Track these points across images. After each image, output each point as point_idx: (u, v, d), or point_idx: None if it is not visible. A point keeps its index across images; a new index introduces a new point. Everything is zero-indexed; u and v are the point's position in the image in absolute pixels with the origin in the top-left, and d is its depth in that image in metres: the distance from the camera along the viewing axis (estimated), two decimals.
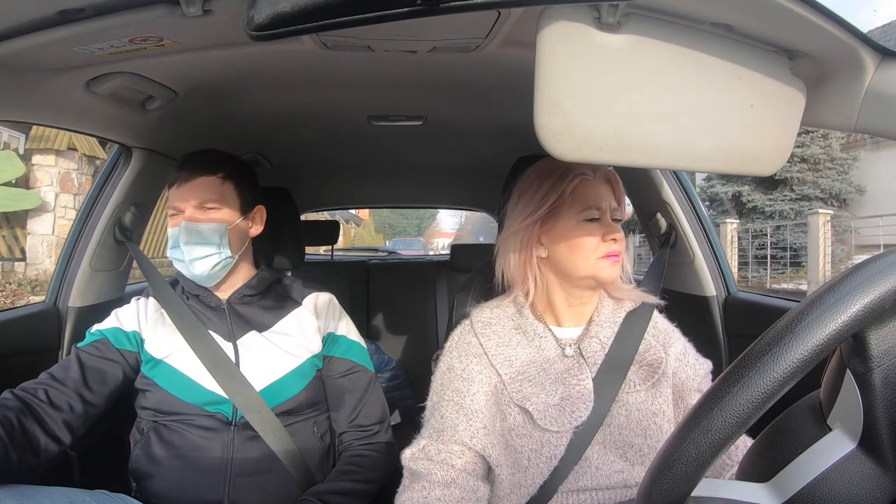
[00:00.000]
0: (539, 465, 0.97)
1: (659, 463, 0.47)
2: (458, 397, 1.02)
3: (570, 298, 1.06)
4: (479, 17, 0.96)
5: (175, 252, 1.22)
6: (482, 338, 1.06)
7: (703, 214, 1.65)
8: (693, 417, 0.46)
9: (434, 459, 0.99)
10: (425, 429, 1.05)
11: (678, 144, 0.76)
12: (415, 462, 1.01)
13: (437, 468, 0.98)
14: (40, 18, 0.82)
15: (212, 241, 1.22)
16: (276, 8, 0.56)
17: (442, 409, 1.03)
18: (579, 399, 0.98)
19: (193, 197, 1.22)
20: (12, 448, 1.02)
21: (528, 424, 0.98)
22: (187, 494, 1.16)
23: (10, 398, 1.09)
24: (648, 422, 0.99)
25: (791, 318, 0.44)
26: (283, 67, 1.22)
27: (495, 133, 1.80)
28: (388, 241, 18.18)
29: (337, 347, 1.31)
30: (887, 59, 0.75)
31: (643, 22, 0.72)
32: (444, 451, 0.99)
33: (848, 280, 0.44)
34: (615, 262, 1.02)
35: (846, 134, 11.05)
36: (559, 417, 0.97)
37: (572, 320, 1.07)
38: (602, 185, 1.05)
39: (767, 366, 0.43)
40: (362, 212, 22.60)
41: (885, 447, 0.47)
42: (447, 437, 1.00)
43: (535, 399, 0.98)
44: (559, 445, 0.97)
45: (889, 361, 0.47)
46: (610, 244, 1.01)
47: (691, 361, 1.07)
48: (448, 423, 1.00)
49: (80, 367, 1.17)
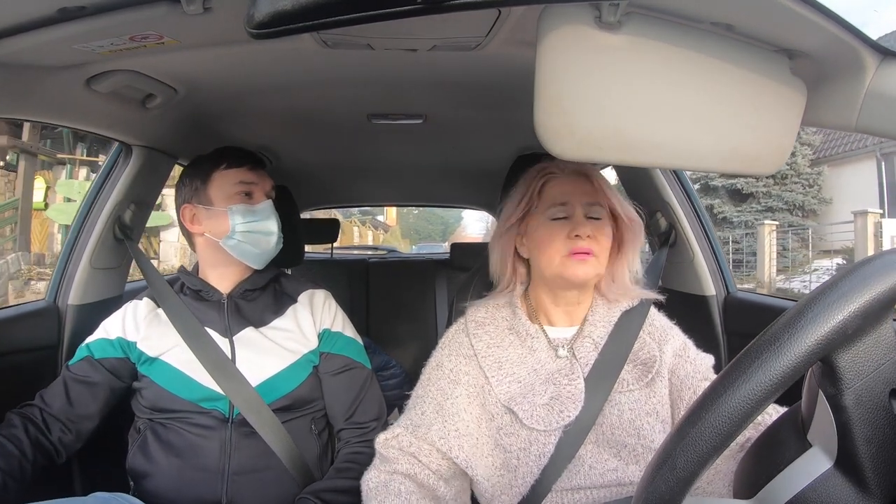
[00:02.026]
0: (528, 465, 0.97)
1: (655, 465, 0.48)
2: (441, 397, 1.04)
3: (556, 299, 1.06)
4: (480, 16, 0.96)
5: (263, 224, 1.28)
6: (474, 338, 1.06)
7: (704, 214, 1.65)
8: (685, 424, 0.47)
9: (404, 450, 1.03)
10: (404, 417, 1.08)
11: (678, 144, 0.76)
12: (386, 448, 1.05)
13: (404, 458, 1.02)
14: (41, 16, 0.82)
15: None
16: (277, 6, 0.56)
17: (423, 405, 1.05)
18: (569, 399, 0.98)
19: (268, 183, 1.32)
20: (27, 463, 1.10)
21: (516, 423, 0.99)
22: (185, 493, 1.16)
23: (15, 419, 1.15)
24: (641, 421, 0.98)
25: (764, 340, 0.46)
26: (284, 66, 1.22)
27: (495, 132, 1.80)
28: (413, 245, 18.71)
29: (333, 344, 1.32)
30: (888, 59, 0.75)
31: (644, 21, 0.72)
32: (414, 444, 1.03)
33: (811, 306, 0.45)
34: (581, 259, 0.98)
35: (813, 150, 13.17)
36: (547, 417, 0.97)
37: (564, 320, 1.07)
38: (571, 181, 1.03)
39: (733, 397, 0.45)
40: (389, 219, 23.94)
41: (862, 467, 0.48)
42: (420, 434, 1.03)
43: (521, 400, 0.98)
44: (548, 444, 0.97)
45: (860, 382, 0.47)
46: (576, 241, 0.98)
47: (691, 357, 1.05)
48: (425, 420, 1.03)
49: (66, 392, 1.22)
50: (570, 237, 0.99)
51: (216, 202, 1.26)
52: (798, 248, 12.41)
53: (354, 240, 17.90)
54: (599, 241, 1.00)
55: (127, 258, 1.59)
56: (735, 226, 13.26)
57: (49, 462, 1.16)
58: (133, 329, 1.26)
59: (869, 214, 10.07)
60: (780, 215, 13.02)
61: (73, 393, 1.21)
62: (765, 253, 11.87)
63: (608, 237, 1.02)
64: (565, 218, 1.01)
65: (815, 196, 13.19)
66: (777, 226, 12.26)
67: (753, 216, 13.15)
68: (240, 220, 1.25)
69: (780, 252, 12.33)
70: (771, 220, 12.47)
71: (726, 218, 13.34)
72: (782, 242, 12.44)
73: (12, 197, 9.98)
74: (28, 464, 1.10)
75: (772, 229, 12.04)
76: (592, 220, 1.01)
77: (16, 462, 1.08)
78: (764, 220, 12.70)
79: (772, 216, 12.90)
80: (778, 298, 1.67)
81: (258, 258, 1.29)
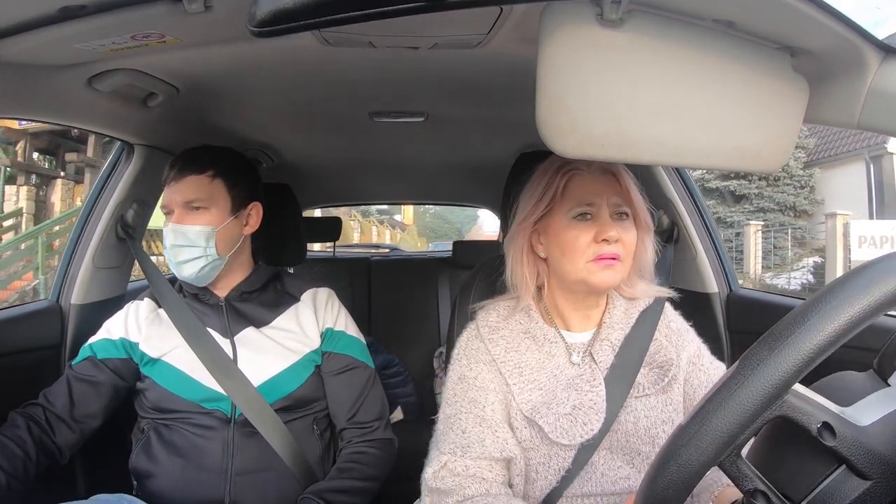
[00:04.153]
0: (548, 478, 0.94)
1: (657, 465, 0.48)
2: (478, 409, 0.96)
3: (575, 303, 1.01)
4: (482, 14, 0.95)
5: (167, 252, 1.23)
6: (490, 343, 1.00)
7: (706, 211, 1.65)
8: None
9: (462, 475, 0.93)
10: (444, 444, 0.97)
11: (680, 141, 0.75)
12: (440, 481, 0.94)
13: (469, 482, 0.92)
14: (42, 15, 0.82)
15: (198, 243, 1.20)
16: (279, 4, 0.56)
17: (462, 423, 0.96)
18: (591, 409, 0.93)
19: (181, 197, 1.21)
20: (30, 464, 1.10)
21: (537, 438, 0.94)
22: (188, 493, 1.17)
23: (18, 419, 1.15)
24: (657, 430, 0.94)
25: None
26: (285, 64, 1.22)
27: (497, 130, 1.80)
28: (430, 244, 19.02)
29: (336, 343, 1.31)
30: (890, 56, 0.75)
31: (645, 19, 0.72)
32: (472, 466, 0.94)
33: (814, 308, 0.47)
34: (608, 265, 0.92)
35: (807, 153, 13.61)
36: (571, 429, 0.92)
37: (582, 324, 1.02)
38: (598, 179, 0.96)
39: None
40: (406, 218, 24.26)
41: None
42: (475, 454, 0.94)
43: (545, 411, 0.94)
44: (567, 458, 0.93)
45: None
46: (602, 245, 0.92)
47: (705, 365, 1.01)
48: (473, 439, 0.94)
49: (70, 391, 1.21)
50: (596, 241, 0.92)
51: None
52: (793, 247, 12.92)
53: (374, 238, 18.16)
54: (626, 243, 0.94)
55: (129, 257, 1.59)
56: (728, 225, 13.57)
57: (52, 462, 1.16)
58: (135, 330, 1.26)
59: (838, 216, 10.65)
60: (771, 216, 13.50)
61: (76, 392, 1.21)
62: (750, 251, 12.48)
63: (634, 239, 0.96)
64: (590, 219, 0.94)
65: (806, 197, 13.63)
66: (762, 226, 12.83)
67: (746, 216, 13.54)
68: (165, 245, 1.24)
69: (773, 250, 12.81)
70: (760, 221, 12.97)
71: (721, 218, 13.62)
72: (773, 241, 12.90)
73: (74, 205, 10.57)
74: (31, 464, 1.10)
75: (757, 229, 12.65)
76: (619, 221, 0.95)
77: (19, 463, 1.08)
78: (756, 220, 13.08)
79: (763, 216, 13.40)
80: (780, 296, 1.67)
81: (194, 282, 1.26)
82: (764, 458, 0.53)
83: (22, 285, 9.10)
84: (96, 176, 7.01)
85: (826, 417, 0.48)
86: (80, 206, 10.16)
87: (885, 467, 0.47)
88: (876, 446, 0.48)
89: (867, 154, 12.54)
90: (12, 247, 9.32)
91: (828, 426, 0.47)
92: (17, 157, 10.28)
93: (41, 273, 8.98)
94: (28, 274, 9.28)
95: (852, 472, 0.48)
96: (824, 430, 0.47)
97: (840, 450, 0.47)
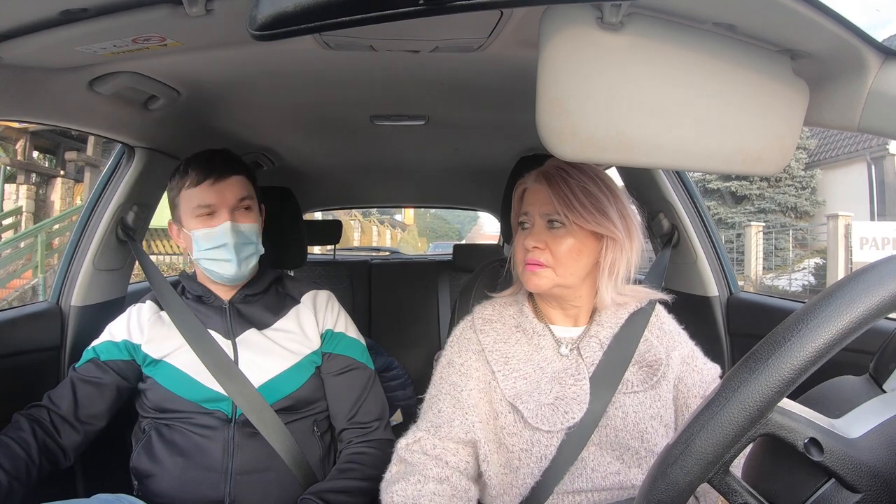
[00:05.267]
0: (530, 465, 0.97)
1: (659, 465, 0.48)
2: (455, 391, 1.03)
3: (550, 301, 1.06)
4: (482, 17, 0.96)
5: (220, 252, 1.22)
6: (481, 334, 1.06)
7: (706, 215, 1.65)
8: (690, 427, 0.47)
9: (429, 454, 1.01)
10: (422, 420, 1.06)
11: (681, 144, 0.75)
12: (410, 454, 1.02)
13: (432, 463, 1.00)
14: (43, 18, 0.82)
15: (252, 240, 1.25)
16: (279, 8, 0.56)
17: (439, 404, 1.04)
18: (574, 400, 0.97)
19: (234, 195, 1.23)
20: (33, 466, 1.11)
21: (519, 423, 0.98)
22: (188, 493, 1.17)
23: (22, 422, 1.15)
24: (645, 425, 0.98)
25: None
26: (286, 67, 1.23)
27: (498, 133, 1.80)
28: (430, 244, 19.11)
29: (335, 344, 1.32)
30: (890, 59, 0.75)
31: (645, 22, 0.72)
32: (439, 446, 1.01)
33: (815, 309, 0.46)
34: (531, 271, 0.98)
35: (808, 154, 13.78)
36: (551, 417, 0.96)
37: (565, 320, 1.06)
38: (534, 190, 1.01)
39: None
40: (406, 218, 24.48)
41: None
42: (443, 434, 1.01)
43: (527, 398, 0.98)
44: (550, 445, 0.96)
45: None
46: (530, 252, 0.99)
47: (699, 366, 1.04)
48: (445, 419, 1.02)
49: (74, 393, 1.21)
50: (527, 248, 0.99)
51: (185, 223, 1.24)
52: (794, 248, 12.95)
53: (374, 238, 18.19)
54: (554, 251, 0.97)
55: (130, 259, 1.59)
56: (729, 226, 13.62)
57: (55, 465, 1.16)
58: (138, 332, 1.27)
59: (840, 217, 10.69)
60: (772, 217, 13.69)
61: (80, 393, 1.21)
62: (751, 252, 12.60)
63: (569, 247, 0.98)
64: (527, 228, 1.01)
65: (807, 198, 13.78)
66: (763, 227, 12.94)
67: (747, 217, 13.64)
68: (199, 246, 1.22)
69: (774, 252, 12.87)
70: (761, 222, 13.03)
71: (721, 219, 13.71)
72: (774, 242, 12.94)
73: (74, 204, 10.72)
74: (34, 467, 1.10)
75: (758, 230, 12.77)
76: (551, 229, 0.98)
77: (22, 465, 1.09)
78: (757, 221, 13.20)
79: (764, 218, 13.53)
80: (780, 299, 1.66)
81: (229, 280, 1.27)
82: (755, 472, 0.53)
83: (21, 284, 9.16)
84: (96, 175, 7.16)
85: (813, 433, 0.48)
86: (79, 205, 10.29)
87: (875, 479, 0.47)
88: (866, 458, 0.47)
89: (869, 155, 12.64)
90: (11, 245, 9.36)
91: (815, 442, 0.47)
92: (17, 156, 10.36)
93: (40, 272, 9.04)
94: (27, 272, 9.32)
95: (842, 485, 0.48)
96: (811, 446, 0.47)
97: (828, 464, 0.47)
